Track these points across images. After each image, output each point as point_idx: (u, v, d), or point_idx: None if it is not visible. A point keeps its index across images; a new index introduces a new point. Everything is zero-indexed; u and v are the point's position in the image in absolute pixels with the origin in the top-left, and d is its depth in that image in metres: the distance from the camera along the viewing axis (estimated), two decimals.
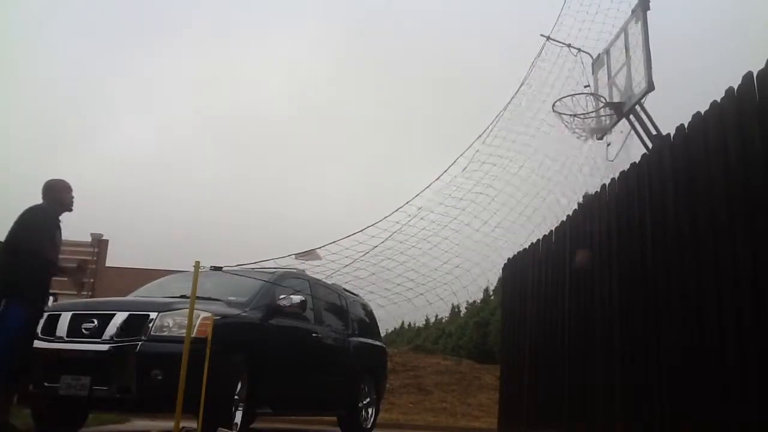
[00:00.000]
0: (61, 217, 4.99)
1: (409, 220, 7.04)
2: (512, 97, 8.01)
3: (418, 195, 7.24)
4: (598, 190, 5.98)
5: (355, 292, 7.85)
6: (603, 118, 7.66)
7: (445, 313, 25.42)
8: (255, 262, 5.94)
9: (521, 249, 8.00)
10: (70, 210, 5.10)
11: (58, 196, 4.99)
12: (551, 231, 7.02)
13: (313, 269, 6.83)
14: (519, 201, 7.66)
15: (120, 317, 4.93)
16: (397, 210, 7.00)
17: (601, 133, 7.67)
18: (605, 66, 7.69)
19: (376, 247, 6.81)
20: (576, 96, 7.65)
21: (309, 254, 6.31)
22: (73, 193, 5.13)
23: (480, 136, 7.77)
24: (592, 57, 8.02)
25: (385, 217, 6.87)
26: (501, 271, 8.89)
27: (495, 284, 16.42)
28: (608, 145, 7.54)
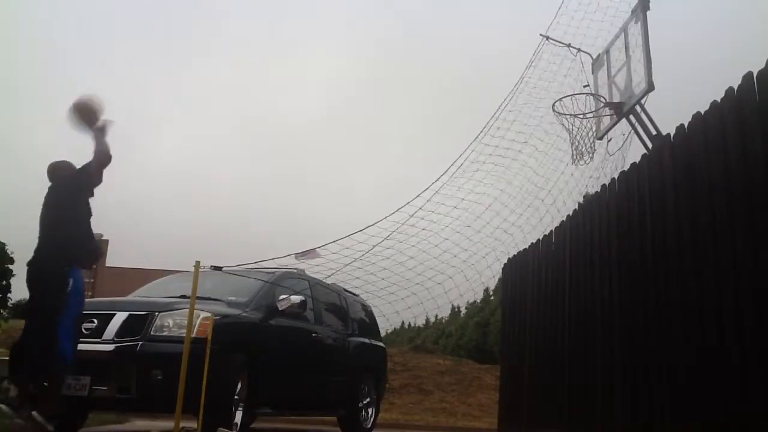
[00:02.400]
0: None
1: (406, 220, 7.07)
2: (508, 98, 8.04)
3: (417, 196, 7.28)
4: (599, 190, 5.99)
5: (355, 292, 7.87)
6: (602, 119, 7.67)
7: (445, 313, 25.45)
8: (255, 262, 5.95)
9: (521, 249, 8.01)
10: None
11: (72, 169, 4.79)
12: (551, 231, 7.03)
13: (312, 269, 6.86)
14: (520, 202, 7.69)
15: (120, 317, 4.92)
16: (396, 211, 7.04)
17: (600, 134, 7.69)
18: (605, 66, 7.69)
19: (375, 246, 6.84)
20: (576, 96, 7.66)
21: (309, 254, 6.31)
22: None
23: (476, 138, 7.81)
24: (591, 57, 8.03)
25: (385, 218, 6.91)
26: (501, 271, 8.90)
27: (495, 284, 16.45)
28: (609, 141, 7.56)
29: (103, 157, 4.68)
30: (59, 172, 4.80)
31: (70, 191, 4.70)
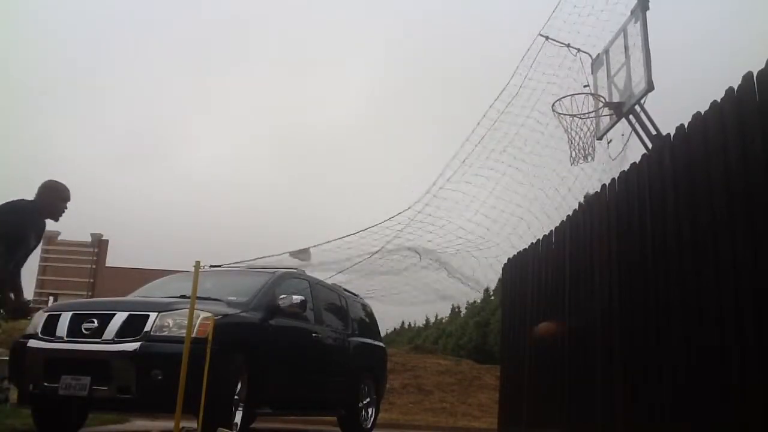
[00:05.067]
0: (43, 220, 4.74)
1: (405, 226, 7.10)
2: (508, 99, 8.05)
3: (417, 202, 7.31)
4: (598, 190, 5.99)
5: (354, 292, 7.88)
6: (602, 119, 7.67)
7: (445, 313, 25.47)
8: (252, 260, 5.98)
9: (521, 249, 8.01)
10: (55, 220, 4.82)
11: (52, 202, 4.71)
12: (551, 231, 7.03)
13: (312, 269, 6.89)
14: (517, 204, 7.71)
15: (120, 317, 4.92)
16: (391, 218, 7.06)
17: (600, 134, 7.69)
18: (604, 66, 7.69)
19: (373, 255, 6.87)
20: (575, 96, 7.66)
21: (302, 252, 6.38)
22: (68, 204, 4.81)
23: (467, 139, 7.84)
24: (591, 57, 8.03)
25: (376, 225, 6.94)
26: (501, 271, 8.90)
27: (495, 284, 16.46)
28: (609, 141, 7.56)
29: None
30: (48, 196, 4.67)
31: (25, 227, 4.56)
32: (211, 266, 5.42)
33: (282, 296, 5.86)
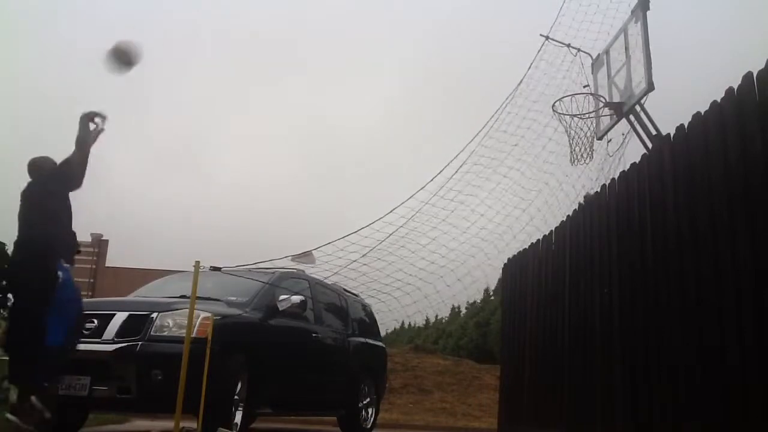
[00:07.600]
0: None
1: (405, 222, 7.09)
2: (508, 99, 8.05)
3: (411, 197, 7.30)
4: (599, 190, 5.99)
5: (355, 292, 7.88)
6: (602, 119, 7.67)
7: (445, 313, 25.47)
8: (253, 263, 5.97)
9: (521, 249, 8.01)
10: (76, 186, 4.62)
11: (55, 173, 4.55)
12: (551, 231, 7.03)
13: (311, 269, 6.88)
14: (516, 205, 7.71)
15: (120, 317, 4.92)
16: (389, 213, 7.05)
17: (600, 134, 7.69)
18: (605, 66, 7.69)
19: (373, 248, 6.85)
20: (575, 96, 7.66)
21: (304, 256, 6.36)
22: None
23: (472, 139, 7.83)
24: (591, 57, 8.03)
25: (380, 218, 6.93)
26: (501, 271, 8.90)
27: (495, 284, 16.47)
28: (609, 141, 7.56)
29: (83, 146, 4.48)
30: (39, 168, 4.62)
31: (50, 188, 4.51)
32: (211, 267, 5.41)
33: (282, 296, 5.86)
